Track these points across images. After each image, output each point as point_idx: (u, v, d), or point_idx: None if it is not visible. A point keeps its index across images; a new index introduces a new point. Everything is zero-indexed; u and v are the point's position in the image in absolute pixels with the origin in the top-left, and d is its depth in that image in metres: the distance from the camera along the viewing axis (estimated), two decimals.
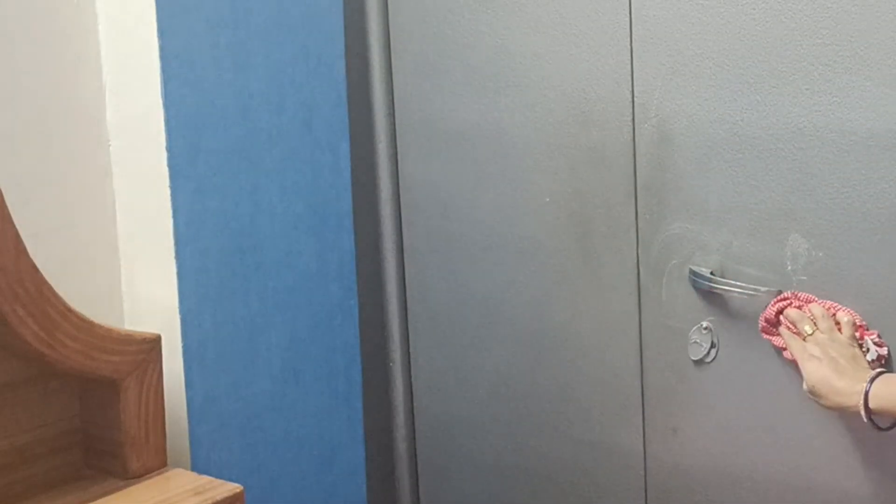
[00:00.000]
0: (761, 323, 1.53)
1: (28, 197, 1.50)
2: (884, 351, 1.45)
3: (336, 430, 1.85)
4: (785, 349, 1.51)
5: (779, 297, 1.51)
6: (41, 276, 1.34)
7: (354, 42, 1.86)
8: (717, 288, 1.56)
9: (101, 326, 1.42)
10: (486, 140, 1.79)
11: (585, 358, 1.75)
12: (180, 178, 1.59)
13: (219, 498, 1.43)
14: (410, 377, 1.97)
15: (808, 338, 1.46)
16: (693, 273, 1.59)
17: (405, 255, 1.94)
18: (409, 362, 1.97)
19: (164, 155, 1.57)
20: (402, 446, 1.99)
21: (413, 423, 1.99)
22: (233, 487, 1.46)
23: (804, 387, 1.44)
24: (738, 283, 1.54)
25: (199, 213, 1.61)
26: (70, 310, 1.38)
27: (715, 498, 1.65)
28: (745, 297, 1.53)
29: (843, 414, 1.44)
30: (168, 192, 1.58)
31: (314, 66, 1.77)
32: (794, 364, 1.48)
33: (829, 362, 1.41)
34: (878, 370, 1.40)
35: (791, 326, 1.49)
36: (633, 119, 1.62)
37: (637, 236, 1.65)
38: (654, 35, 1.58)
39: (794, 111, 1.47)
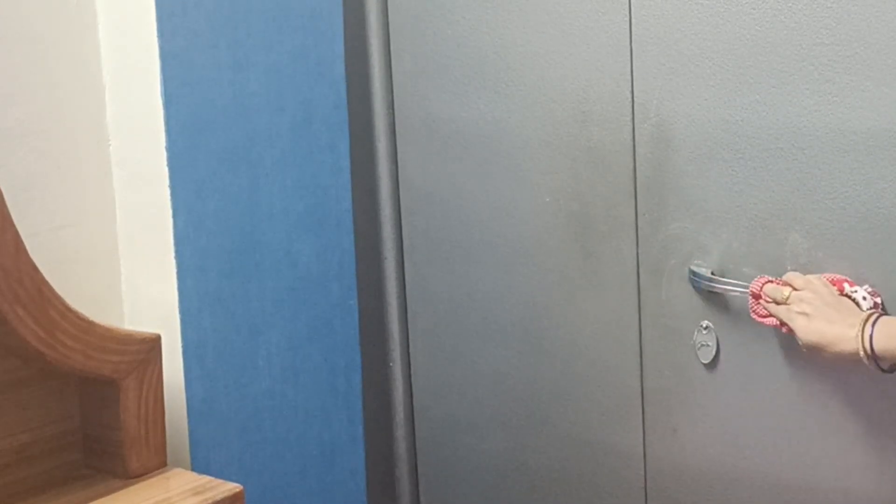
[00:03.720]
0: (750, 302, 1.51)
1: (28, 197, 1.50)
2: (878, 300, 1.43)
3: (336, 430, 1.85)
4: (778, 325, 1.48)
5: (762, 279, 1.51)
6: (41, 276, 1.34)
7: (354, 42, 1.86)
8: (717, 288, 1.56)
9: (101, 326, 1.42)
10: (486, 140, 1.79)
11: (585, 358, 1.75)
12: (180, 178, 1.59)
13: (219, 498, 1.43)
14: (410, 377, 1.97)
15: (789, 299, 1.45)
16: (693, 273, 1.59)
17: (405, 255, 1.94)
18: (409, 362, 1.97)
19: (164, 155, 1.57)
20: (402, 446, 1.99)
21: (413, 423, 1.99)
22: (233, 487, 1.46)
23: (801, 347, 1.43)
24: (738, 284, 1.54)
25: (199, 213, 1.61)
26: (70, 310, 1.38)
27: (715, 498, 1.64)
28: (745, 297, 1.53)
29: (846, 362, 1.39)
30: (168, 192, 1.58)
31: (314, 66, 1.77)
32: (794, 339, 1.47)
33: (816, 313, 1.40)
34: (874, 312, 1.38)
35: (769, 299, 1.48)
36: (633, 119, 1.62)
37: (637, 236, 1.65)
38: (654, 35, 1.58)
39: (794, 111, 1.47)
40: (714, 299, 1.58)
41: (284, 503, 1.77)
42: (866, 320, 1.36)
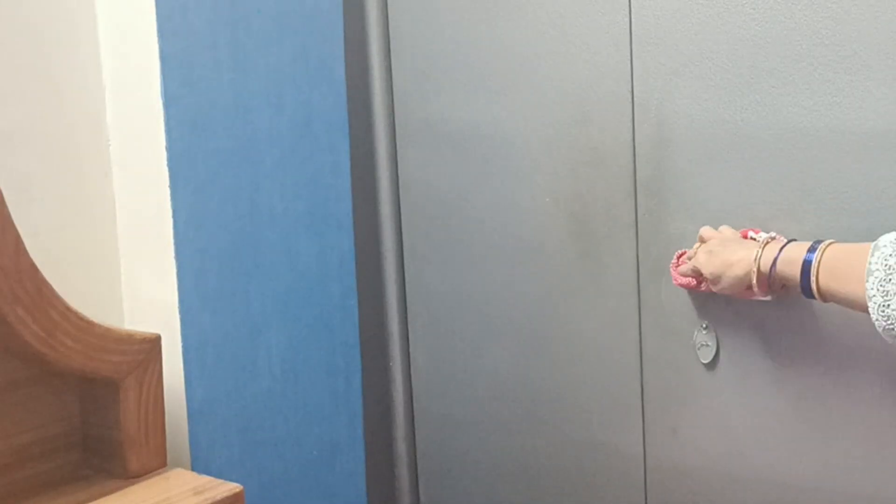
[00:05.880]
0: (671, 269, 1.59)
1: (28, 197, 1.50)
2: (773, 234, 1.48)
3: (336, 430, 1.85)
4: (693, 284, 1.55)
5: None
6: (41, 276, 1.34)
7: (354, 42, 1.86)
8: None
9: (101, 326, 1.42)
10: (486, 140, 1.79)
11: (585, 358, 1.75)
12: (180, 178, 1.59)
13: (218, 498, 1.43)
14: (410, 377, 1.97)
15: (697, 249, 1.53)
16: None
17: (405, 255, 1.94)
18: (409, 362, 1.97)
19: (164, 155, 1.57)
20: (402, 446, 1.99)
21: (413, 423, 1.99)
22: (233, 487, 1.45)
23: (712, 287, 1.49)
24: None
25: (198, 213, 1.61)
26: (70, 310, 1.38)
27: (715, 498, 1.65)
28: (745, 297, 1.53)
29: (742, 287, 1.45)
30: (168, 192, 1.58)
31: (314, 67, 1.77)
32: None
33: (718, 248, 1.47)
34: (780, 239, 1.43)
35: (686, 261, 1.57)
36: (633, 119, 1.62)
37: (637, 236, 1.65)
38: (654, 35, 1.58)
39: (794, 111, 1.47)
40: (714, 299, 1.58)
41: (284, 503, 1.77)
42: (767, 243, 1.42)
